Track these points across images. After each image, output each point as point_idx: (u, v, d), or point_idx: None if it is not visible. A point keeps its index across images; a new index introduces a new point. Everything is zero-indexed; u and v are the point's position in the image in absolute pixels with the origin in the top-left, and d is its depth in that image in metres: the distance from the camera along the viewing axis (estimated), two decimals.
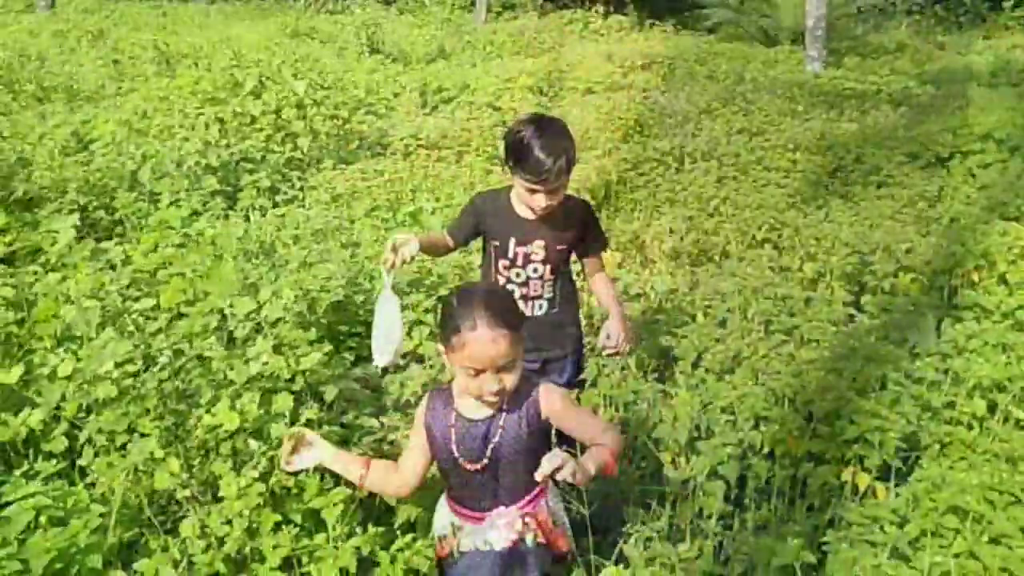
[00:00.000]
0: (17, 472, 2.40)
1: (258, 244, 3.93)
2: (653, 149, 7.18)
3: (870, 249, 4.72)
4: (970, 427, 2.92)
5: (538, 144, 2.62)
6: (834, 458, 2.79)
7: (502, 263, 2.88)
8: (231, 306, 2.66)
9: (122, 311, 2.60)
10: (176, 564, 2.19)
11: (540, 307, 2.91)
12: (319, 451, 2.26)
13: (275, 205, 5.66)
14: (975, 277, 4.57)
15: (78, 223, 3.69)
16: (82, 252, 3.13)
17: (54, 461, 2.52)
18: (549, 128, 2.70)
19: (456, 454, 2.15)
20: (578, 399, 2.95)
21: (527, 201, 2.77)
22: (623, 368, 3.37)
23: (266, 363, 2.35)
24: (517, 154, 2.68)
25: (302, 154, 6.63)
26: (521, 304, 2.80)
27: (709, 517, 2.73)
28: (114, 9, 18.86)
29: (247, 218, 5.33)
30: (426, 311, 3.54)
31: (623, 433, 2.93)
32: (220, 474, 2.35)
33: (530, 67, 10.52)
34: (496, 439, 2.14)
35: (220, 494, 2.31)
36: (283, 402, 2.32)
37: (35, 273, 3.14)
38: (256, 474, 2.31)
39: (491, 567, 2.18)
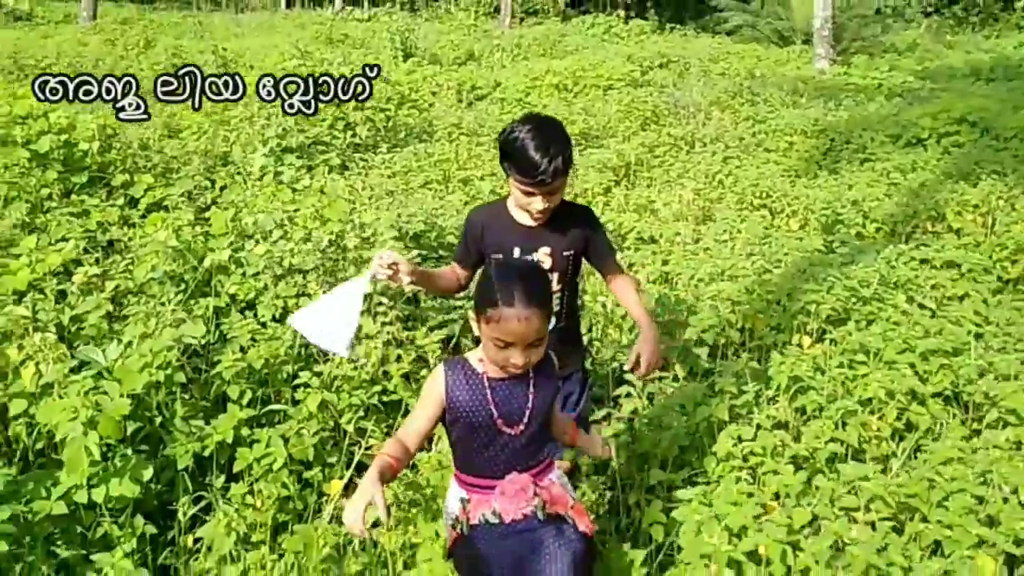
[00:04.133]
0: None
1: (349, 193, 5.22)
2: (667, 135, 8.46)
3: (843, 205, 5.94)
4: (882, 308, 4.13)
5: (533, 144, 2.56)
6: (787, 328, 4.02)
7: None
8: (360, 216, 3.93)
9: (285, 218, 3.87)
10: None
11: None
12: (362, 499, 2.06)
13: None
14: (929, 226, 5.77)
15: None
16: (232, 193, 4.41)
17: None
18: (544, 128, 2.64)
19: (496, 416, 2.25)
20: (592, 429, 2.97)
21: (523, 205, 2.70)
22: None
23: (393, 245, 3.62)
24: (512, 155, 2.63)
25: (360, 140, 7.95)
26: None
27: (696, 373, 3.96)
28: (152, 20, 20.38)
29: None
30: None
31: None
32: (361, 324, 3.61)
33: (555, 67, 11.82)
34: (530, 404, 2.27)
35: (363, 334, 3.58)
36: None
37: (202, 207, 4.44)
38: (387, 319, 3.58)
39: (500, 539, 2.24)
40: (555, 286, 2.77)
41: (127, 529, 2.95)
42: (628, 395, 3.50)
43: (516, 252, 2.76)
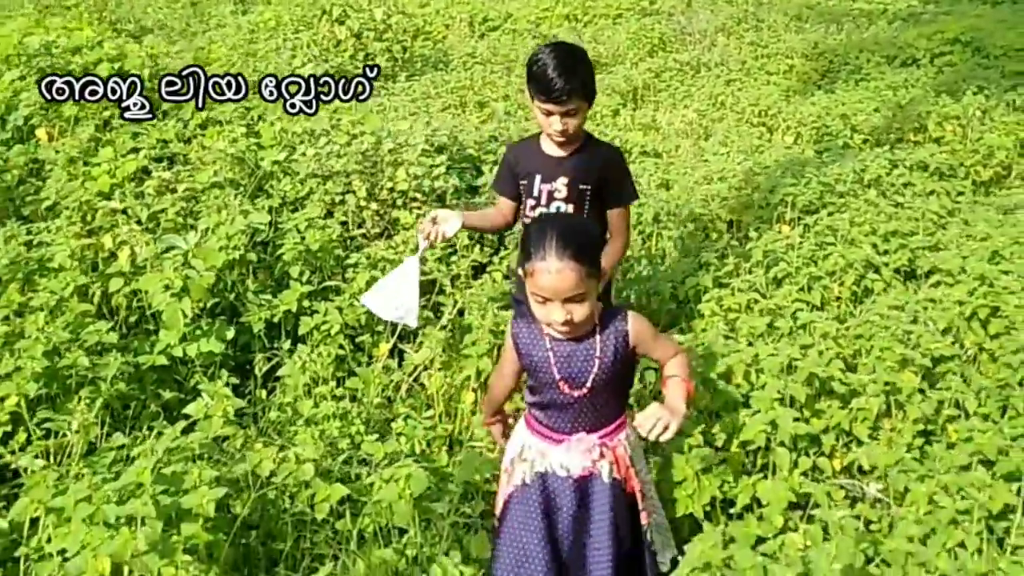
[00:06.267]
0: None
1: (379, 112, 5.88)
2: (674, 61, 9.02)
3: (832, 119, 6.55)
4: (853, 201, 4.78)
5: (552, 65, 2.78)
6: (768, 219, 4.69)
7: (529, 203, 3.04)
8: (395, 126, 4.60)
9: (328, 128, 4.55)
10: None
11: None
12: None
13: None
14: (911, 136, 6.39)
15: None
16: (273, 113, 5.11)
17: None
18: (565, 53, 2.84)
19: (558, 378, 2.28)
20: None
21: (545, 127, 2.92)
22: None
23: (424, 149, 4.29)
24: (534, 75, 2.84)
25: (380, 70, 8.57)
26: None
27: (688, 256, 4.64)
28: None
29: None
30: None
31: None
32: (399, 216, 4.30)
33: None
34: (596, 366, 2.25)
35: (400, 225, 4.27)
36: (437, 170, 4.27)
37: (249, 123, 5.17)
38: (421, 212, 4.26)
39: (567, 492, 2.34)
40: None
41: (215, 379, 3.68)
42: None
43: (537, 179, 3.00)
